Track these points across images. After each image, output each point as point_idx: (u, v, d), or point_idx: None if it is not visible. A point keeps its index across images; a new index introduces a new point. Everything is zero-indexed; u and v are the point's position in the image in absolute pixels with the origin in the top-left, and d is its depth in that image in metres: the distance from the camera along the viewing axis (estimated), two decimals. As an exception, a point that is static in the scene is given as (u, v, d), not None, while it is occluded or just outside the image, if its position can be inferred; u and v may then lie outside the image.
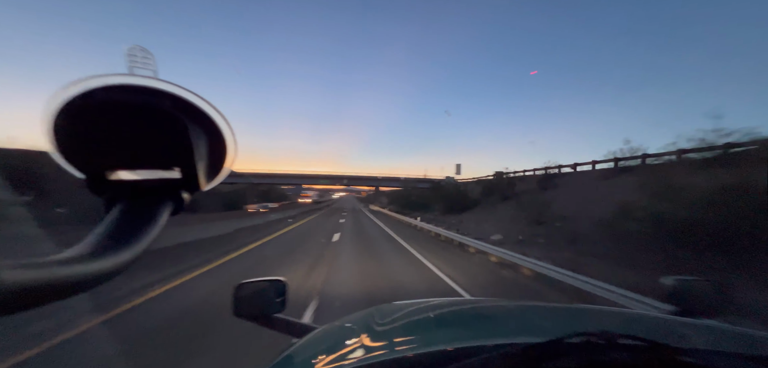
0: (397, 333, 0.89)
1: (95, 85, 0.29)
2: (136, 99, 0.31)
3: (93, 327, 3.61)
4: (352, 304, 4.58)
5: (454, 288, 5.82)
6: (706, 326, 0.84)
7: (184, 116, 0.32)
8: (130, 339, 3.46)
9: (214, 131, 0.35)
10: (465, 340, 0.77)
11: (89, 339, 3.40)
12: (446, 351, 0.66)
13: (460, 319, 1.06)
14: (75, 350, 3.16)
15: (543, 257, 6.85)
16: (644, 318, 0.95)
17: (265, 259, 8.38)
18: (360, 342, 0.79)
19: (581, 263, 6.28)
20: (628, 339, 0.57)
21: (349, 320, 1.05)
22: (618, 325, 0.89)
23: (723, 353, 0.67)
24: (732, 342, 0.77)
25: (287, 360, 0.81)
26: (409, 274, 6.76)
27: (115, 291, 4.62)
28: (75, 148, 0.32)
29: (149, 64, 0.31)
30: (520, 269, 6.87)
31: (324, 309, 4.37)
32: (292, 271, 6.56)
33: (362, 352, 0.72)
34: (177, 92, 0.32)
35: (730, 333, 0.80)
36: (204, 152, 0.36)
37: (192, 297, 4.96)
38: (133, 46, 0.31)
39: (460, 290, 5.67)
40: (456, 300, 1.54)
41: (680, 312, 1.01)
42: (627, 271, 5.64)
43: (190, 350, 3.21)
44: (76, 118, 0.30)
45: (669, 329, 0.87)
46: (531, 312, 1.14)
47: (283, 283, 1.17)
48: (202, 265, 7.07)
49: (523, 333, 0.88)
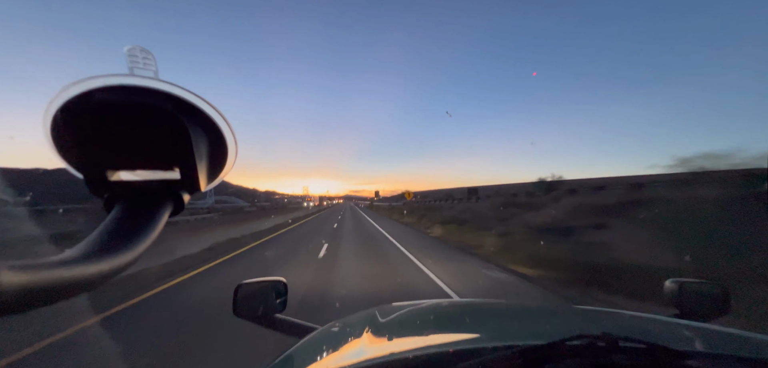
0: (397, 333, 0.88)
1: (95, 85, 0.29)
2: (137, 99, 0.31)
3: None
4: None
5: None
6: (707, 329, 0.83)
7: (184, 116, 0.32)
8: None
9: (215, 132, 0.35)
10: (465, 342, 0.77)
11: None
12: (446, 352, 0.66)
13: (460, 320, 1.05)
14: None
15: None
16: (645, 321, 0.94)
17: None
18: (360, 342, 0.79)
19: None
20: (630, 342, 0.57)
21: (349, 320, 1.04)
22: (619, 327, 0.89)
23: (724, 356, 0.66)
24: (733, 345, 0.76)
25: (287, 360, 0.81)
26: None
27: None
28: (75, 148, 0.32)
29: (150, 65, 0.31)
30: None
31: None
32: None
33: (362, 353, 0.72)
34: (177, 92, 0.32)
35: (731, 336, 0.79)
36: (204, 153, 0.35)
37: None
38: (134, 46, 0.31)
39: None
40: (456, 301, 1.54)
41: (682, 314, 1.00)
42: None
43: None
44: (76, 118, 0.30)
45: (670, 332, 0.86)
46: (532, 314, 1.14)
47: (283, 283, 1.17)
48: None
49: (523, 334, 0.88)
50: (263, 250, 9.71)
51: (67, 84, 0.28)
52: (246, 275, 2.29)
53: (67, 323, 3.55)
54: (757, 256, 5.23)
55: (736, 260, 5.09)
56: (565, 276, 5.82)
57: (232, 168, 0.39)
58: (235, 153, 0.38)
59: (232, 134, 0.36)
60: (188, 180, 0.36)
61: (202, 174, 0.36)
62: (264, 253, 9.17)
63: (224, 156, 0.37)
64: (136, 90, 0.30)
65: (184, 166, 0.35)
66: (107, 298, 4.53)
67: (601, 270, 5.62)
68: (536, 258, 6.91)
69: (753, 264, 4.84)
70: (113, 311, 4.22)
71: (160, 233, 0.35)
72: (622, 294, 4.82)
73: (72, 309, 3.74)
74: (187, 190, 0.37)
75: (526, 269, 6.59)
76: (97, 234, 0.32)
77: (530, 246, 8.26)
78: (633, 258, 6.08)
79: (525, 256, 7.23)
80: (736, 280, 4.39)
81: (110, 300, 4.52)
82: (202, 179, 0.36)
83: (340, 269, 6.70)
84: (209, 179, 0.38)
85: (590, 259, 6.44)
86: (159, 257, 7.24)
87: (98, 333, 3.59)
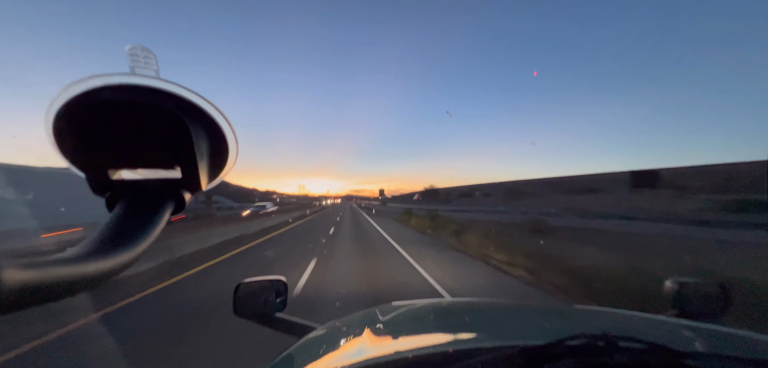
0: (396, 333, 0.89)
1: (97, 84, 0.29)
2: (138, 99, 0.31)
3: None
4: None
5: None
6: (706, 329, 0.83)
7: (185, 115, 0.32)
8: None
9: (216, 131, 0.35)
10: (465, 341, 0.77)
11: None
12: (446, 352, 0.66)
13: (459, 320, 1.05)
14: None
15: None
16: (645, 321, 0.94)
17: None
18: (360, 342, 0.79)
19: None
20: (629, 342, 0.57)
21: (349, 320, 1.05)
22: (619, 327, 0.89)
23: (724, 356, 0.66)
24: (733, 345, 0.76)
25: (287, 360, 0.81)
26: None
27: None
28: (77, 147, 0.32)
29: (151, 64, 0.31)
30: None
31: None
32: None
33: (362, 352, 0.72)
34: (178, 91, 0.32)
35: (731, 336, 0.79)
36: (205, 152, 0.36)
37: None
38: (135, 45, 0.31)
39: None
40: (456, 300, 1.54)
41: (682, 314, 1.00)
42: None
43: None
44: (77, 117, 0.30)
45: (670, 332, 0.86)
46: (531, 313, 1.14)
47: (283, 282, 1.17)
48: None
49: (523, 334, 0.88)
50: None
51: (68, 83, 0.29)
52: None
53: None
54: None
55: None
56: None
57: (232, 167, 0.39)
58: (236, 152, 0.38)
59: (233, 133, 0.36)
60: (189, 179, 0.36)
61: (203, 173, 0.36)
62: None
63: (225, 155, 0.37)
64: (138, 89, 0.30)
65: (185, 165, 0.35)
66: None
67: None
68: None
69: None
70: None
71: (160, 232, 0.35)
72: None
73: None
74: (188, 189, 0.37)
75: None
76: (98, 233, 0.32)
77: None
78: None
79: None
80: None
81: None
82: (203, 179, 0.36)
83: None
84: (210, 179, 0.38)
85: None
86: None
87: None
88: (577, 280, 5.14)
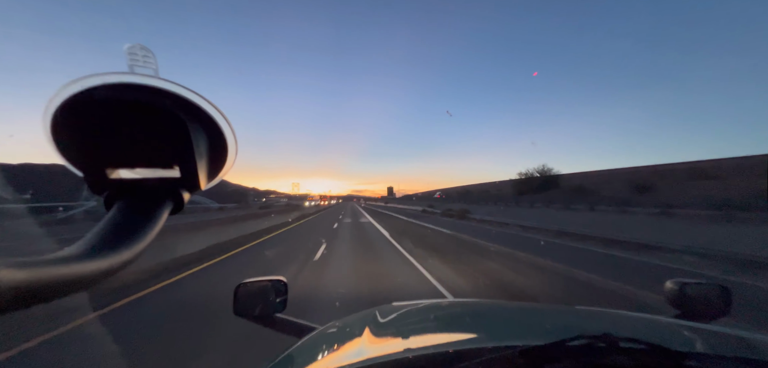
0: (396, 333, 0.88)
1: (95, 83, 0.29)
2: (137, 97, 0.30)
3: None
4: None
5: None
6: (708, 330, 0.83)
7: (184, 114, 0.32)
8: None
9: (215, 130, 0.35)
10: (465, 342, 0.77)
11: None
12: (446, 352, 0.66)
13: (459, 321, 1.05)
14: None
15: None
16: (646, 321, 0.94)
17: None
18: (360, 342, 0.79)
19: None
20: (630, 343, 0.57)
21: (349, 320, 1.04)
22: (620, 328, 0.89)
23: (724, 357, 0.66)
24: (733, 346, 0.76)
25: (287, 360, 0.81)
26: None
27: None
28: (75, 146, 0.32)
29: (150, 63, 0.31)
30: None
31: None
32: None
33: (362, 352, 0.72)
34: (177, 90, 0.32)
35: (732, 337, 0.79)
36: (204, 151, 0.35)
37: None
38: (134, 44, 0.31)
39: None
40: (456, 301, 1.54)
41: (683, 315, 1.00)
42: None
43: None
44: (76, 116, 0.30)
45: (671, 332, 0.86)
46: (532, 314, 1.14)
47: (283, 283, 1.17)
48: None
49: (523, 335, 0.88)
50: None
51: (67, 82, 0.28)
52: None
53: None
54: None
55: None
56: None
57: (232, 167, 0.39)
58: (235, 152, 0.37)
59: (232, 132, 0.36)
60: (188, 179, 0.35)
61: (202, 172, 0.36)
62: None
63: (224, 155, 0.37)
64: (137, 88, 0.30)
65: (184, 164, 0.35)
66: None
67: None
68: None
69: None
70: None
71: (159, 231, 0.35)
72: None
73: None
74: (187, 188, 0.37)
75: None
76: (96, 232, 0.31)
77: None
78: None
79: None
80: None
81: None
82: (202, 178, 0.36)
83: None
84: (209, 178, 0.38)
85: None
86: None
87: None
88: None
